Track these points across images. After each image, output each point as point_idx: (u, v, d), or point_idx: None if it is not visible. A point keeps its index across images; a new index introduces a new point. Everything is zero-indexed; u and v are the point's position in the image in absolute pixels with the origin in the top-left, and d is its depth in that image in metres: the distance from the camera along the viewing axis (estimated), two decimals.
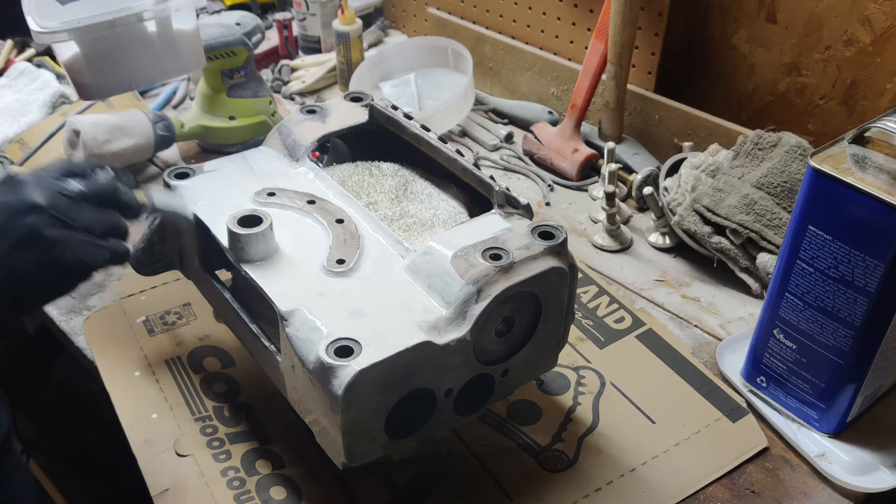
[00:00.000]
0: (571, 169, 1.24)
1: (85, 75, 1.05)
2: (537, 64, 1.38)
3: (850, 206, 0.71)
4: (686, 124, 1.21)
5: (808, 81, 1.15)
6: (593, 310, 1.00)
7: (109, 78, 1.07)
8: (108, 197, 0.69)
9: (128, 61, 1.06)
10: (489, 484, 0.80)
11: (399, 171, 0.88)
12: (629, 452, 0.83)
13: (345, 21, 1.42)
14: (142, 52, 1.06)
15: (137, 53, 1.06)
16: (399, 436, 0.69)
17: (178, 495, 0.78)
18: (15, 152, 1.22)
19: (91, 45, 1.02)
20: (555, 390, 0.89)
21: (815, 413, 0.83)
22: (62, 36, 0.99)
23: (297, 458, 0.82)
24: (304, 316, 0.67)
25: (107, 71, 1.05)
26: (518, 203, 0.76)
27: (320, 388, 0.63)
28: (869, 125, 0.74)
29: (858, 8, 1.06)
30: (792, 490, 0.80)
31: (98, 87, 1.07)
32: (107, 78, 1.06)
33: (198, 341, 0.95)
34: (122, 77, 1.07)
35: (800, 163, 1.02)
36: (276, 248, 0.74)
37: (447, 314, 0.67)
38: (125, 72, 1.07)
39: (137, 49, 1.05)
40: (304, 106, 0.93)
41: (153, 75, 1.13)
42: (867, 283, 0.73)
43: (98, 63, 1.04)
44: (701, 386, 0.90)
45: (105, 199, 0.68)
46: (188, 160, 1.30)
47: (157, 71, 1.11)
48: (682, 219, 1.04)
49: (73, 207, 0.65)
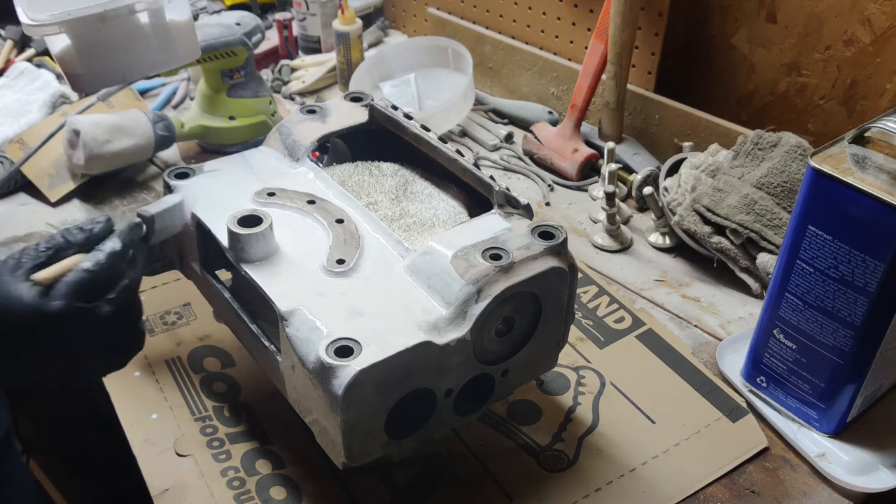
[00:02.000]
0: (571, 169, 1.24)
1: (77, 68, 1.03)
2: (537, 64, 1.38)
3: (850, 206, 0.71)
4: (686, 124, 1.21)
5: (808, 81, 1.15)
6: (593, 310, 1.00)
7: (103, 70, 1.05)
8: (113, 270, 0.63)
9: (121, 53, 1.04)
10: (489, 484, 0.80)
11: (399, 171, 0.87)
12: (629, 452, 0.83)
13: (345, 21, 1.42)
14: (135, 44, 1.04)
15: (130, 45, 1.04)
16: (399, 436, 0.69)
17: (178, 495, 0.78)
18: (15, 152, 1.22)
19: (82, 38, 1.01)
20: (555, 390, 0.89)
21: (815, 413, 0.83)
22: (52, 28, 0.97)
23: (297, 458, 0.82)
24: (304, 316, 0.67)
25: (99, 63, 1.04)
26: (518, 203, 0.76)
27: (320, 388, 0.63)
28: (869, 125, 0.74)
29: (858, 8, 1.06)
30: (792, 490, 0.80)
31: (91, 79, 1.06)
32: (100, 70, 1.05)
33: (198, 341, 0.95)
34: (116, 69, 1.06)
35: (800, 163, 1.02)
36: (276, 248, 0.74)
37: (447, 314, 0.67)
38: (118, 64, 1.05)
39: (130, 41, 1.04)
40: (304, 106, 0.93)
41: (147, 67, 1.11)
42: (867, 283, 0.73)
43: (90, 55, 1.03)
44: (701, 386, 0.90)
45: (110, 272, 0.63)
46: (188, 160, 1.30)
47: (151, 63, 1.09)
48: (682, 219, 1.04)
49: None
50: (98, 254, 0.62)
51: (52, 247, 0.63)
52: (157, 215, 0.76)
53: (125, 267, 0.64)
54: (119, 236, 0.64)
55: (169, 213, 0.78)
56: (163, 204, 0.78)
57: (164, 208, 0.78)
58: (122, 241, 0.64)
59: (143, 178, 1.25)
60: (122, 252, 0.63)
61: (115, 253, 0.63)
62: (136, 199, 1.20)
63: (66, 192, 1.20)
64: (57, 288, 0.60)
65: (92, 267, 0.61)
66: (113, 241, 0.63)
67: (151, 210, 0.76)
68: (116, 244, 0.63)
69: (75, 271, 0.61)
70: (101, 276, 0.61)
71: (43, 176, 1.20)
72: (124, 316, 0.64)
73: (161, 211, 0.77)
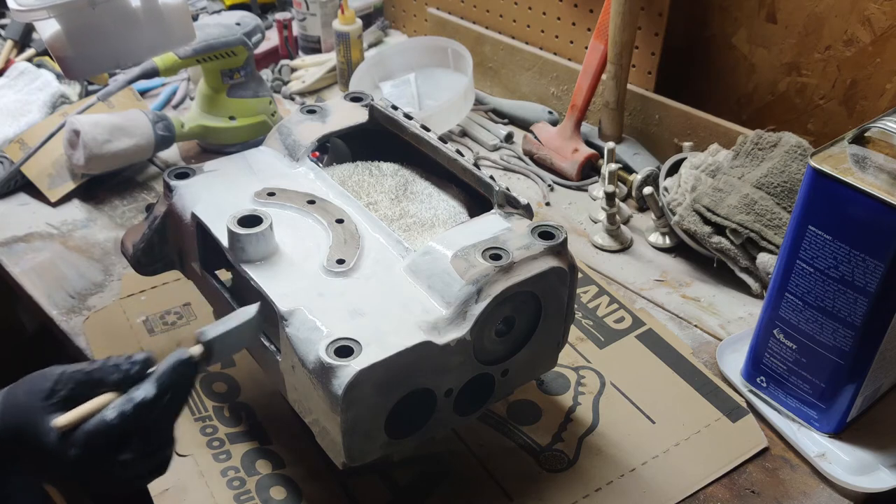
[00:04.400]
0: (571, 169, 1.24)
1: (68, 53, 1.01)
2: (537, 64, 1.38)
3: (850, 206, 0.71)
4: (686, 124, 1.21)
5: (808, 81, 1.15)
6: (593, 310, 1.00)
7: (94, 55, 1.02)
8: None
9: (112, 38, 1.02)
10: (489, 484, 0.80)
11: (399, 171, 0.87)
12: (629, 452, 0.83)
13: (345, 21, 1.42)
14: (127, 28, 1.02)
15: (122, 30, 1.01)
16: (399, 436, 0.69)
17: (178, 495, 0.78)
18: (15, 152, 1.22)
19: (72, 23, 0.98)
20: (555, 390, 0.89)
21: (815, 413, 0.83)
22: (41, 14, 0.95)
23: (297, 458, 0.82)
24: (304, 316, 0.67)
25: (91, 48, 1.01)
26: (518, 203, 0.76)
27: (320, 388, 0.63)
28: (869, 125, 0.74)
29: (858, 8, 1.06)
30: (792, 490, 0.80)
31: (83, 64, 1.03)
32: (92, 55, 1.02)
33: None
34: (108, 54, 1.03)
35: (800, 163, 1.02)
36: (276, 248, 0.74)
37: (447, 314, 0.67)
38: (111, 49, 1.02)
39: (122, 25, 1.01)
40: (304, 106, 0.93)
41: (142, 52, 1.08)
42: (867, 283, 0.73)
43: (81, 40, 1.00)
44: (701, 386, 0.90)
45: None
46: (188, 160, 1.30)
47: (144, 47, 1.06)
48: (682, 219, 1.04)
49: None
50: (126, 403, 0.57)
51: (88, 380, 0.59)
52: (217, 339, 0.62)
53: (160, 413, 0.58)
54: (156, 381, 0.58)
55: (236, 334, 0.64)
56: (230, 322, 0.64)
57: (229, 328, 0.64)
58: (157, 387, 0.58)
59: (143, 178, 1.25)
60: (155, 400, 0.58)
61: (146, 402, 0.57)
62: (136, 199, 1.20)
63: (66, 192, 1.20)
64: (76, 435, 0.56)
65: (114, 420, 0.56)
66: (146, 388, 0.58)
67: (211, 333, 0.62)
68: (150, 392, 0.57)
69: (97, 419, 0.56)
70: (125, 425, 0.57)
71: (43, 176, 1.20)
72: (148, 458, 0.60)
73: (225, 332, 0.63)
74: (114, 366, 0.59)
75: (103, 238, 1.13)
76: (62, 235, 1.14)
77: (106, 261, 1.08)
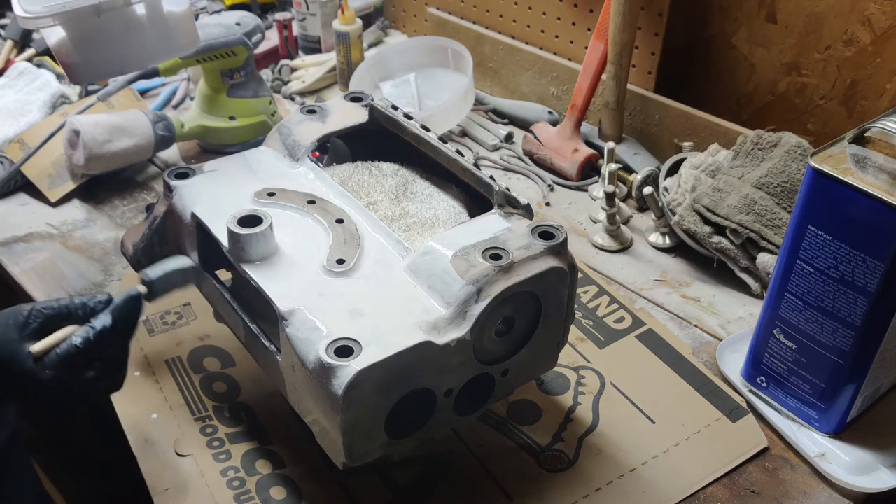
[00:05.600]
0: (571, 169, 1.24)
1: (74, 60, 1.03)
2: (537, 64, 1.38)
3: (850, 206, 0.71)
4: (686, 124, 1.21)
5: (808, 81, 1.15)
6: (593, 310, 1.00)
7: (99, 61, 1.04)
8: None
9: (118, 45, 1.03)
10: (489, 484, 0.80)
11: (399, 171, 0.87)
12: (629, 452, 0.83)
13: (345, 21, 1.42)
14: (132, 35, 1.03)
15: (127, 37, 1.03)
16: (399, 436, 0.69)
17: (178, 495, 0.78)
18: (15, 152, 1.22)
19: (78, 30, 1.00)
20: (555, 390, 0.89)
21: (815, 413, 0.83)
22: (47, 21, 0.96)
23: (297, 458, 0.82)
24: (304, 316, 0.67)
25: (96, 55, 1.03)
26: (518, 203, 0.76)
27: (320, 388, 0.63)
28: (869, 125, 0.74)
29: (858, 8, 1.06)
30: (792, 490, 0.80)
31: (88, 70, 1.05)
32: (97, 61, 1.04)
33: (198, 341, 0.95)
34: (113, 60, 1.05)
35: (800, 163, 1.02)
36: (276, 248, 0.74)
37: (447, 314, 0.67)
38: (116, 55, 1.04)
39: (127, 33, 1.03)
40: (304, 106, 0.93)
41: (146, 58, 1.10)
42: (867, 283, 0.73)
43: (86, 47, 1.02)
44: (701, 386, 0.90)
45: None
46: (188, 160, 1.30)
47: (149, 54, 1.08)
48: (682, 219, 1.04)
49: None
50: (88, 330, 0.68)
51: (56, 314, 0.70)
52: (157, 280, 0.76)
53: (116, 337, 0.70)
54: (112, 312, 0.70)
55: (172, 276, 0.77)
56: (164, 267, 0.77)
57: (165, 272, 0.77)
58: (113, 317, 0.69)
59: (143, 178, 1.25)
60: (112, 328, 0.69)
61: (105, 329, 0.69)
62: (136, 199, 1.20)
63: (66, 192, 1.20)
64: (48, 359, 0.67)
65: (80, 344, 0.67)
66: (104, 318, 0.69)
67: (152, 274, 0.76)
68: (107, 321, 0.69)
69: (66, 344, 0.67)
70: (89, 349, 0.68)
71: (43, 176, 1.20)
72: (108, 377, 0.72)
73: (163, 275, 0.76)
74: (81, 303, 0.71)
75: (103, 238, 1.13)
76: (62, 235, 1.14)
77: (106, 261, 1.08)
